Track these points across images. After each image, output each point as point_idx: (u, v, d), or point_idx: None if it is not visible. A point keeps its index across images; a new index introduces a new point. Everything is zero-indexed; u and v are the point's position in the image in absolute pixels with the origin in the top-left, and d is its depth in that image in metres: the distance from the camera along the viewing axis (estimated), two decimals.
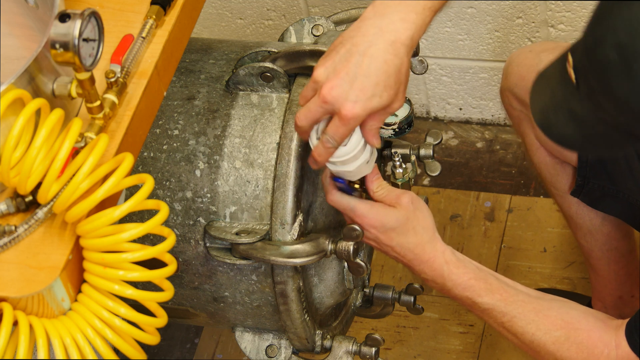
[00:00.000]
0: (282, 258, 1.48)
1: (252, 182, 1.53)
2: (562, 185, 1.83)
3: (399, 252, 1.43)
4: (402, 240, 1.42)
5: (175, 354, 2.23)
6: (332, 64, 1.29)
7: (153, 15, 1.28)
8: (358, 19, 1.32)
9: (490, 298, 1.41)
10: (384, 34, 1.27)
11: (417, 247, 1.42)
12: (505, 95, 1.82)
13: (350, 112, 1.28)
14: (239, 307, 1.61)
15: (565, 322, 1.39)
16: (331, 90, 1.28)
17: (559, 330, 1.38)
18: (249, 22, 2.46)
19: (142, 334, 1.17)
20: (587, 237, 1.88)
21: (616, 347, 1.36)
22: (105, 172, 1.13)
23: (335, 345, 1.64)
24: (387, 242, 1.42)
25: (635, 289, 1.93)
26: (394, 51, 1.28)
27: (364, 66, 1.27)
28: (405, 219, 1.41)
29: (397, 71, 1.28)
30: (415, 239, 1.42)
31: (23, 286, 1.10)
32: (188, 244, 1.56)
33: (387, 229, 1.41)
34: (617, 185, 1.72)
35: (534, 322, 1.39)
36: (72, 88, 1.15)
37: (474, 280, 1.42)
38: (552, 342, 1.38)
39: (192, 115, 1.57)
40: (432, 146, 1.73)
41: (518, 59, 1.78)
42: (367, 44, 1.27)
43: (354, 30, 1.29)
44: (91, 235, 1.12)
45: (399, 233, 1.42)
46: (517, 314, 1.40)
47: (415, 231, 1.42)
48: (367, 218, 1.42)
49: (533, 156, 1.84)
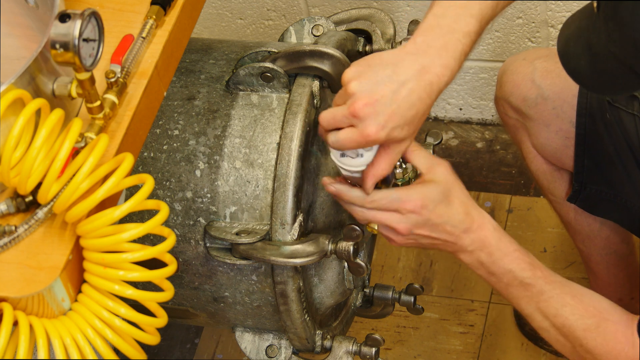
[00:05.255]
0: (282, 258, 1.48)
1: (252, 182, 1.53)
2: (559, 192, 1.83)
3: (450, 229, 1.39)
4: (451, 213, 1.39)
5: (175, 354, 2.23)
6: (369, 83, 1.31)
7: (153, 15, 1.28)
8: (397, 48, 1.35)
9: (532, 273, 1.40)
10: (426, 74, 1.31)
11: (467, 216, 1.40)
12: (500, 104, 1.82)
13: (375, 135, 1.30)
14: (239, 307, 1.61)
15: (598, 311, 1.39)
16: (365, 107, 1.29)
17: (592, 318, 1.38)
18: (249, 22, 2.46)
19: (142, 334, 1.17)
20: (585, 242, 1.88)
21: (632, 346, 1.36)
22: (105, 172, 1.13)
23: (336, 345, 1.64)
24: (438, 219, 1.38)
25: (634, 291, 1.94)
26: (429, 92, 1.31)
27: (401, 97, 1.30)
28: (448, 190, 1.39)
29: (424, 111, 1.32)
30: (462, 207, 1.39)
31: (23, 286, 1.10)
32: (188, 244, 1.56)
33: (436, 205, 1.38)
34: (614, 190, 1.72)
35: (569, 305, 1.39)
36: (72, 88, 1.15)
37: (519, 252, 1.41)
38: (582, 328, 1.38)
39: (192, 115, 1.57)
40: (432, 146, 1.73)
41: (512, 67, 1.78)
42: (408, 77, 1.30)
43: (397, 58, 1.32)
44: (91, 236, 1.12)
45: (446, 205, 1.38)
46: (554, 294, 1.39)
47: (460, 200, 1.40)
48: (415, 200, 1.37)
49: (530, 164, 1.84)
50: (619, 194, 1.72)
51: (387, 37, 1.69)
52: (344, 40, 1.62)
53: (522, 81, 1.75)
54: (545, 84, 1.73)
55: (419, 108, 1.31)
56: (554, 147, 1.76)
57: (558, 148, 1.75)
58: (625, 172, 1.68)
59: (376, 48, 1.69)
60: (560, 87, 1.72)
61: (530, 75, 1.75)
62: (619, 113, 1.67)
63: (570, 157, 1.74)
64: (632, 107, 1.66)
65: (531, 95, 1.74)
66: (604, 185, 1.73)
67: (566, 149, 1.74)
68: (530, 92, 1.74)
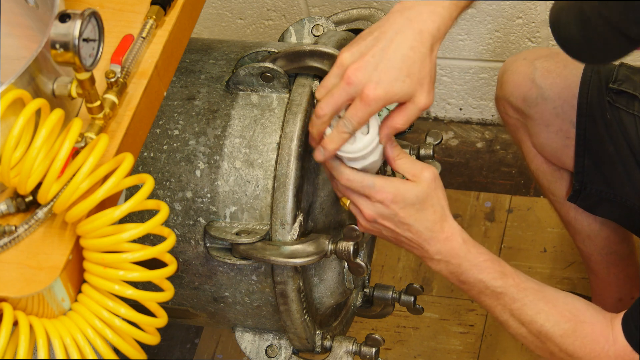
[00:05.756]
0: (282, 258, 1.48)
1: (252, 182, 1.53)
2: (559, 192, 1.83)
3: (415, 231, 1.38)
4: (420, 217, 1.38)
5: (175, 354, 2.23)
6: (358, 49, 1.30)
7: (153, 15, 1.28)
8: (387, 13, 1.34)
9: (504, 282, 1.39)
10: (412, 23, 1.29)
11: (436, 224, 1.38)
12: (501, 103, 1.82)
13: (373, 93, 1.28)
14: (239, 307, 1.61)
15: (573, 315, 1.39)
16: (356, 71, 1.29)
17: (567, 323, 1.38)
18: (249, 22, 2.46)
19: (142, 334, 1.17)
20: (586, 241, 1.88)
21: (613, 343, 1.36)
22: (105, 172, 1.13)
23: (336, 345, 1.64)
24: (405, 219, 1.37)
25: (635, 290, 1.94)
26: (420, 39, 1.29)
27: (390, 51, 1.28)
28: (426, 195, 1.37)
29: (421, 59, 1.30)
30: (434, 216, 1.38)
31: (23, 286, 1.10)
32: (188, 244, 1.56)
33: (407, 204, 1.37)
34: (614, 190, 1.72)
35: (543, 311, 1.38)
36: (72, 88, 1.15)
37: (489, 262, 1.40)
38: (559, 334, 1.38)
39: (192, 115, 1.57)
40: (432, 146, 1.73)
41: (512, 67, 1.78)
42: (395, 31, 1.29)
43: (382, 21, 1.31)
44: (91, 236, 1.12)
45: (418, 210, 1.37)
46: (528, 301, 1.39)
47: (434, 209, 1.38)
48: (387, 192, 1.37)
49: (530, 163, 1.84)
50: (618, 194, 1.72)
51: None
52: (344, 40, 1.62)
53: (523, 81, 1.75)
54: (546, 84, 1.73)
55: (414, 57, 1.29)
56: (554, 147, 1.76)
57: (558, 148, 1.75)
58: (625, 172, 1.68)
59: None
60: (561, 87, 1.72)
61: (531, 75, 1.75)
62: (619, 113, 1.67)
63: (571, 157, 1.74)
64: (633, 108, 1.66)
65: (531, 95, 1.74)
66: (604, 185, 1.73)
67: (566, 148, 1.74)
68: (530, 92, 1.74)
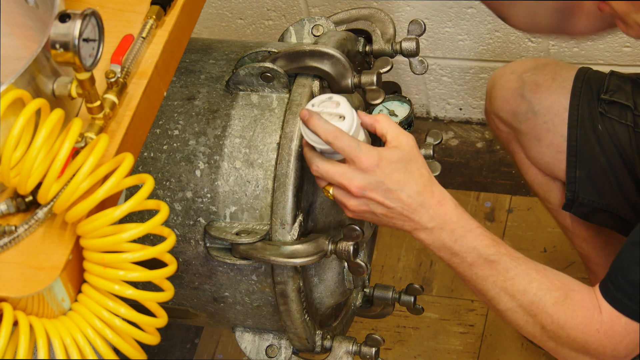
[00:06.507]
0: (282, 258, 1.48)
1: (252, 182, 1.53)
2: (554, 201, 1.83)
3: (405, 198, 1.35)
4: (408, 181, 1.35)
5: (175, 354, 2.23)
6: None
7: (153, 15, 1.28)
8: None
9: (497, 250, 1.36)
10: None
11: (426, 188, 1.36)
12: (491, 118, 1.82)
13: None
14: (239, 307, 1.61)
15: (562, 283, 1.38)
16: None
17: (558, 291, 1.36)
18: (249, 22, 2.46)
19: (142, 334, 1.17)
20: (584, 244, 1.88)
21: (600, 311, 1.35)
22: (105, 172, 1.13)
23: (336, 345, 1.64)
24: (393, 185, 1.34)
25: None
26: None
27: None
28: (409, 158, 1.36)
29: None
30: (422, 179, 1.36)
31: (23, 286, 1.10)
32: (188, 244, 1.56)
33: (392, 170, 1.34)
34: (606, 201, 1.71)
35: (536, 280, 1.37)
36: (72, 88, 1.15)
37: (481, 229, 1.38)
38: (552, 302, 1.36)
39: (192, 115, 1.57)
40: (432, 146, 1.73)
41: (501, 82, 1.78)
42: None
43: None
44: (91, 236, 1.12)
45: (404, 173, 1.35)
46: (520, 271, 1.37)
47: (421, 172, 1.36)
48: (372, 158, 1.34)
49: (525, 174, 1.84)
50: (610, 204, 1.71)
51: (387, 37, 1.69)
52: (344, 40, 1.62)
53: (512, 96, 1.75)
54: (535, 99, 1.72)
55: None
56: (546, 161, 1.76)
57: (550, 161, 1.75)
58: (617, 183, 1.68)
59: (376, 48, 1.69)
60: (550, 101, 1.72)
61: (520, 90, 1.74)
62: (612, 124, 1.67)
63: (563, 169, 1.74)
64: (626, 118, 1.66)
65: (521, 110, 1.74)
66: (595, 196, 1.72)
67: (558, 162, 1.74)
68: (520, 107, 1.74)
